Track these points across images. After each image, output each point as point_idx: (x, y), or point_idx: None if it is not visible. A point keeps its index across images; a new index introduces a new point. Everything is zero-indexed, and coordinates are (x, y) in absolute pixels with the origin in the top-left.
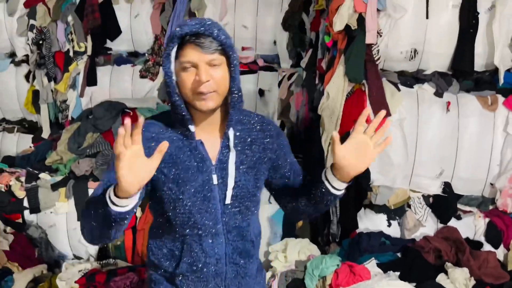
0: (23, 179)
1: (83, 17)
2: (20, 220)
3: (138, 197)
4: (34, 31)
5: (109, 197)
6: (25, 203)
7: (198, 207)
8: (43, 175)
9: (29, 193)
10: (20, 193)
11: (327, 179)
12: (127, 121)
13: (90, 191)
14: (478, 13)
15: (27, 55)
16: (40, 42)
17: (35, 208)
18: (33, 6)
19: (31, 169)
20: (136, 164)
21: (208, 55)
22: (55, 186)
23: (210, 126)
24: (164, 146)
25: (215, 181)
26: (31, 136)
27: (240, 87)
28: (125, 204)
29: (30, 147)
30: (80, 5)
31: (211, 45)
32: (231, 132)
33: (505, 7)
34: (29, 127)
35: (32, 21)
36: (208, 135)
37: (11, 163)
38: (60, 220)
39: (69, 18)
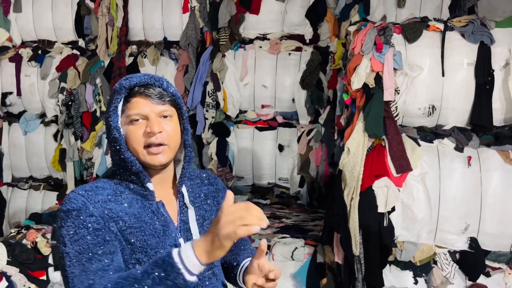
0: (49, 235)
1: (110, 79)
2: (45, 278)
3: None
4: (64, 93)
5: (186, 267)
6: (50, 260)
7: None
8: None
9: (54, 250)
10: (45, 249)
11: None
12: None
13: None
14: (493, 70)
15: (56, 116)
16: (69, 103)
17: (59, 265)
18: (64, 70)
19: None
20: None
21: (159, 106)
22: None
23: (164, 184)
24: None
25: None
26: (56, 193)
27: (190, 140)
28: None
29: (56, 204)
30: (108, 68)
31: (162, 95)
32: (184, 189)
33: None
34: (55, 184)
35: (63, 84)
36: (164, 194)
37: (38, 219)
38: None
39: (98, 80)
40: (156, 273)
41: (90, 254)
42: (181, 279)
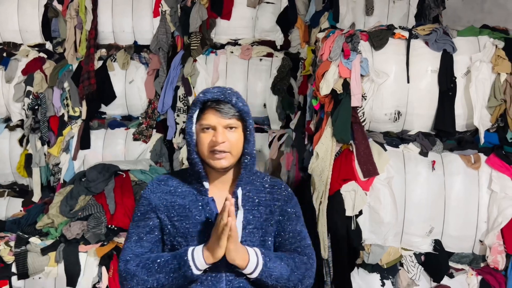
0: (12, 243)
1: (79, 83)
2: (7, 287)
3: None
4: (31, 97)
5: (195, 264)
6: (13, 269)
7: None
8: (33, 239)
9: (17, 258)
10: (8, 258)
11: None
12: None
13: (81, 255)
14: (455, 78)
15: (22, 120)
16: (36, 107)
17: (23, 274)
18: (30, 74)
19: (21, 233)
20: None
21: (226, 119)
22: (45, 250)
23: (222, 185)
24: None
25: None
26: (22, 200)
27: (253, 150)
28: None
29: (20, 210)
30: (76, 71)
31: (229, 111)
32: (239, 191)
33: (479, 72)
34: (20, 190)
35: (29, 88)
36: (220, 193)
37: (0, 227)
38: (48, 286)
39: (65, 84)
40: (173, 264)
41: (135, 227)
42: (189, 272)
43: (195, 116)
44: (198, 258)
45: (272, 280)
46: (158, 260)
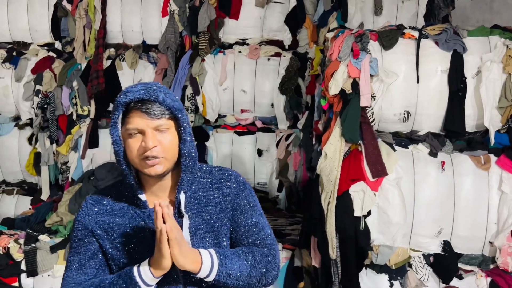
0: (22, 241)
1: (87, 82)
2: (17, 284)
3: None
4: (40, 95)
5: (143, 280)
6: (23, 266)
7: (159, 283)
8: (43, 237)
9: (27, 256)
10: (18, 255)
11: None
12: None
13: None
14: (466, 78)
15: (31, 119)
16: (45, 106)
17: (32, 271)
18: (40, 73)
19: (30, 231)
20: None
21: (154, 120)
22: (54, 248)
23: (162, 192)
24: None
25: None
26: (30, 198)
27: (192, 149)
28: (156, 282)
29: (30, 209)
30: (85, 71)
31: (157, 110)
32: (182, 196)
33: (490, 72)
34: (29, 189)
35: (38, 86)
36: (162, 201)
37: (10, 225)
38: (57, 284)
39: (74, 83)
40: (118, 285)
41: (74, 254)
42: None
43: (119, 121)
44: (146, 273)
45: (232, 279)
46: (102, 284)
